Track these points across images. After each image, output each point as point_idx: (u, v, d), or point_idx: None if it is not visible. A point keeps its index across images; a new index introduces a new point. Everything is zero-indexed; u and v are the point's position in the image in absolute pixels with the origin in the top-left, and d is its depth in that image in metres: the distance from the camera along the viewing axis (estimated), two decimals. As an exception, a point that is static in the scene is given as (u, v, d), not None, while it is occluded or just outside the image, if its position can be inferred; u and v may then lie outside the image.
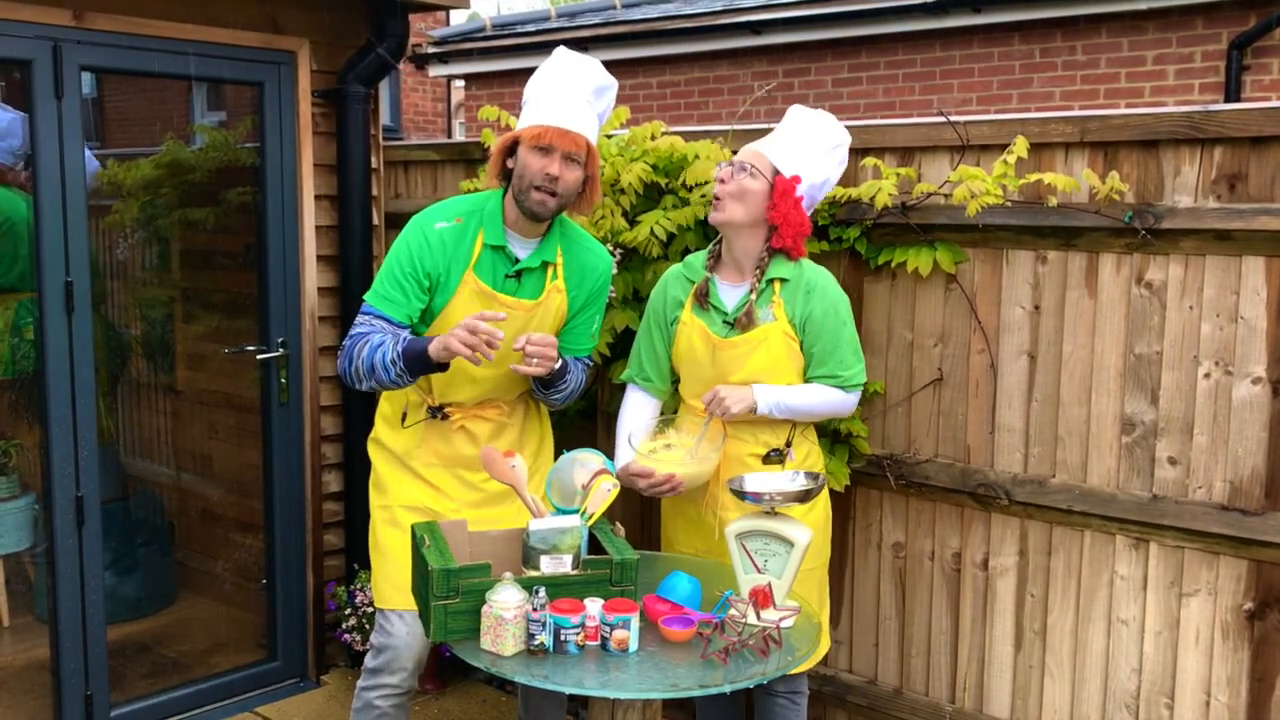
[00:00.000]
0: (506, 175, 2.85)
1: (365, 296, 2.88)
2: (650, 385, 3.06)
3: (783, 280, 2.86)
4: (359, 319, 2.85)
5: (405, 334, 2.81)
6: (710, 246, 3.01)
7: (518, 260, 2.88)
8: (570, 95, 2.79)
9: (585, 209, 2.92)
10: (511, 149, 2.83)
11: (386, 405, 3.06)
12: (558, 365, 2.82)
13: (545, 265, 2.91)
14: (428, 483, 2.99)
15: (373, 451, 3.08)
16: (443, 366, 2.74)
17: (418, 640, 2.97)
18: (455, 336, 2.61)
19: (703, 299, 2.92)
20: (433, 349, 2.68)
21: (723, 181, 2.86)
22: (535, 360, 2.74)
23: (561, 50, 2.90)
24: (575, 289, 2.96)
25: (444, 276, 2.84)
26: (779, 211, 2.81)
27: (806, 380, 2.90)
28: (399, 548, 2.94)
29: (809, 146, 2.86)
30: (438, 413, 2.96)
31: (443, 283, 2.84)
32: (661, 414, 3.07)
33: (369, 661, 3.02)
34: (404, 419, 2.99)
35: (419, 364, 2.73)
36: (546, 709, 3.21)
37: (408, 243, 2.85)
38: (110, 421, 4.38)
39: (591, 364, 3.13)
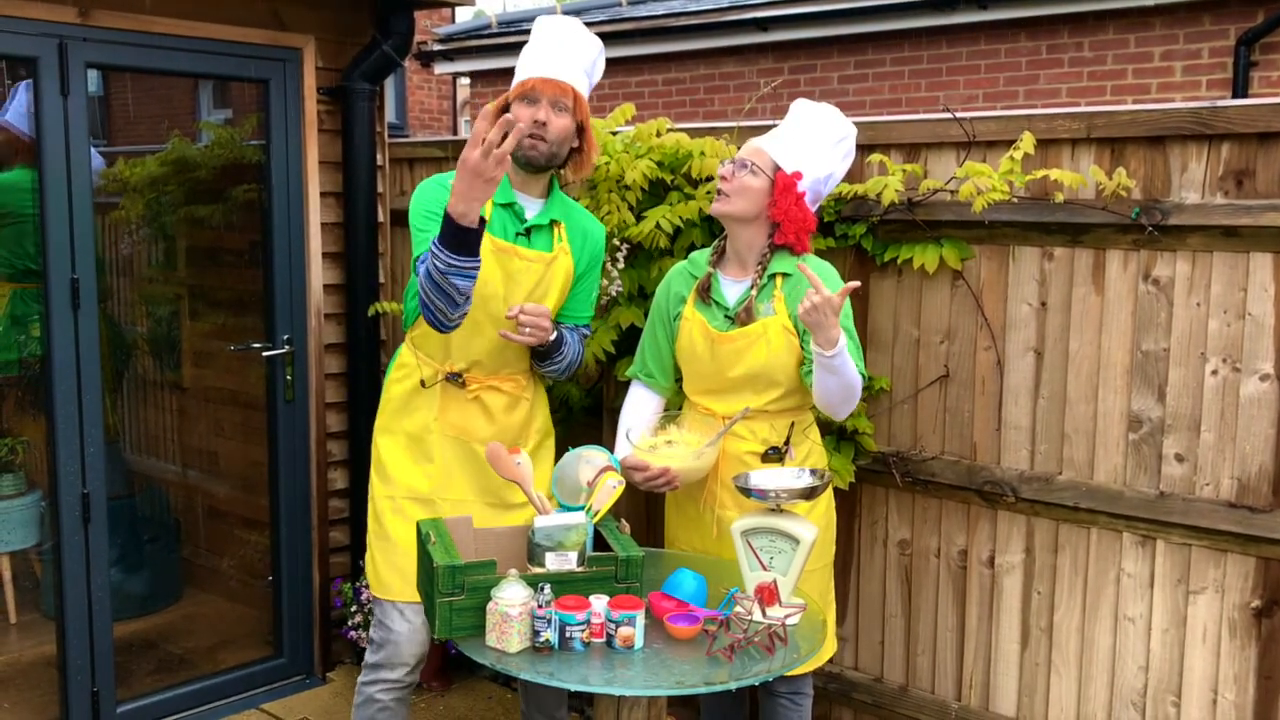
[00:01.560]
0: None
1: (413, 259, 2.86)
2: (653, 382, 3.05)
3: (784, 275, 2.85)
4: (416, 273, 2.78)
5: None
6: (715, 243, 3.01)
7: (526, 219, 2.91)
8: (551, 48, 2.85)
9: (585, 167, 2.95)
10: (504, 112, 2.86)
11: (396, 386, 3.04)
12: (552, 337, 2.85)
13: (552, 224, 2.95)
14: (439, 468, 2.97)
15: (381, 438, 3.05)
16: (477, 227, 2.53)
17: (419, 634, 2.97)
18: (472, 156, 2.41)
19: (704, 294, 2.91)
20: (450, 206, 2.51)
21: (725, 179, 2.85)
22: (528, 330, 2.77)
23: (542, 17, 2.96)
24: (578, 253, 3.00)
25: None
26: (780, 208, 2.80)
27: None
28: (407, 538, 2.94)
29: (811, 141, 2.85)
30: (456, 378, 2.96)
31: None
32: (666, 410, 3.07)
33: (369, 656, 3.02)
34: (423, 384, 2.98)
35: (453, 235, 2.54)
36: (546, 695, 3.21)
37: (427, 192, 2.87)
38: (116, 418, 4.39)
39: (590, 334, 3.17)
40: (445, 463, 2.98)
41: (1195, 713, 2.90)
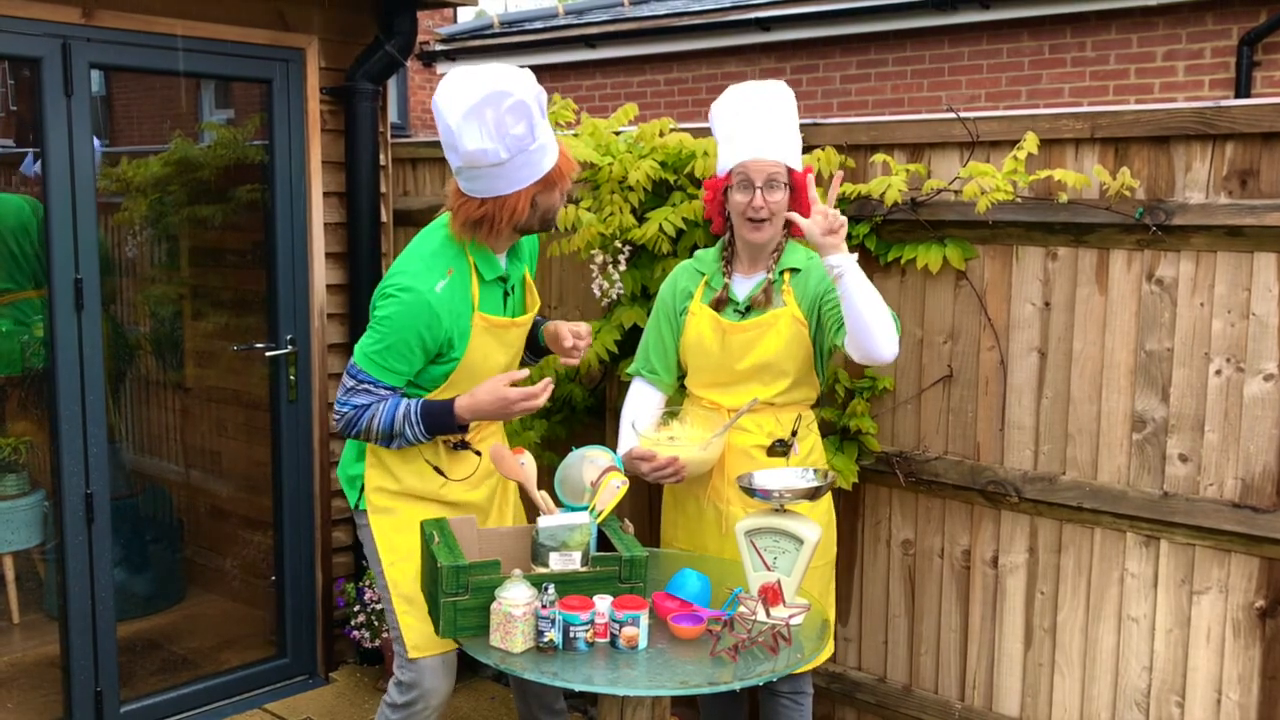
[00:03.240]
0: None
1: (358, 362, 2.71)
2: (656, 379, 3.05)
3: (794, 270, 2.87)
4: (355, 385, 2.70)
5: (407, 401, 2.73)
6: (720, 249, 3.00)
7: (506, 279, 2.84)
8: (524, 132, 2.59)
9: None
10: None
11: (399, 466, 2.86)
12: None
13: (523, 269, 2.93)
14: (453, 505, 2.91)
15: (397, 506, 2.87)
16: (465, 427, 2.78)
17: (446, 680, 2.86)
18: (515, 407, 2.68)
19: (720, 305, 2.91)
20: (466, 413, 2.71)
21: (758, 207, 2.80)
22: (580, 351, 2.90)
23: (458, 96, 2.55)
24: (530, 263, 3.01)
25: (454, 331, 2.73)
26: (800, 203, 2.85)
27: (838, 343, 2.80)
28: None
29: (790, 122, 2.85)
30: (463, 447, 2.89)
31: (455, 338, 2.74)
32: (668, 406, 3.06)
33: (397, 696, 2.87)
34: (440, 471, 2.86)
35: (443, 428, 2.73)
36: (544, 688, 3.18)
37: (412, 317, 2.66)
38: (120, 419, 4.39)
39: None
40: (477, 502, 2.94)
41: (1199, 713, 2.90)
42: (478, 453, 2.89)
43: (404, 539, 2.84)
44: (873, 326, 2.62)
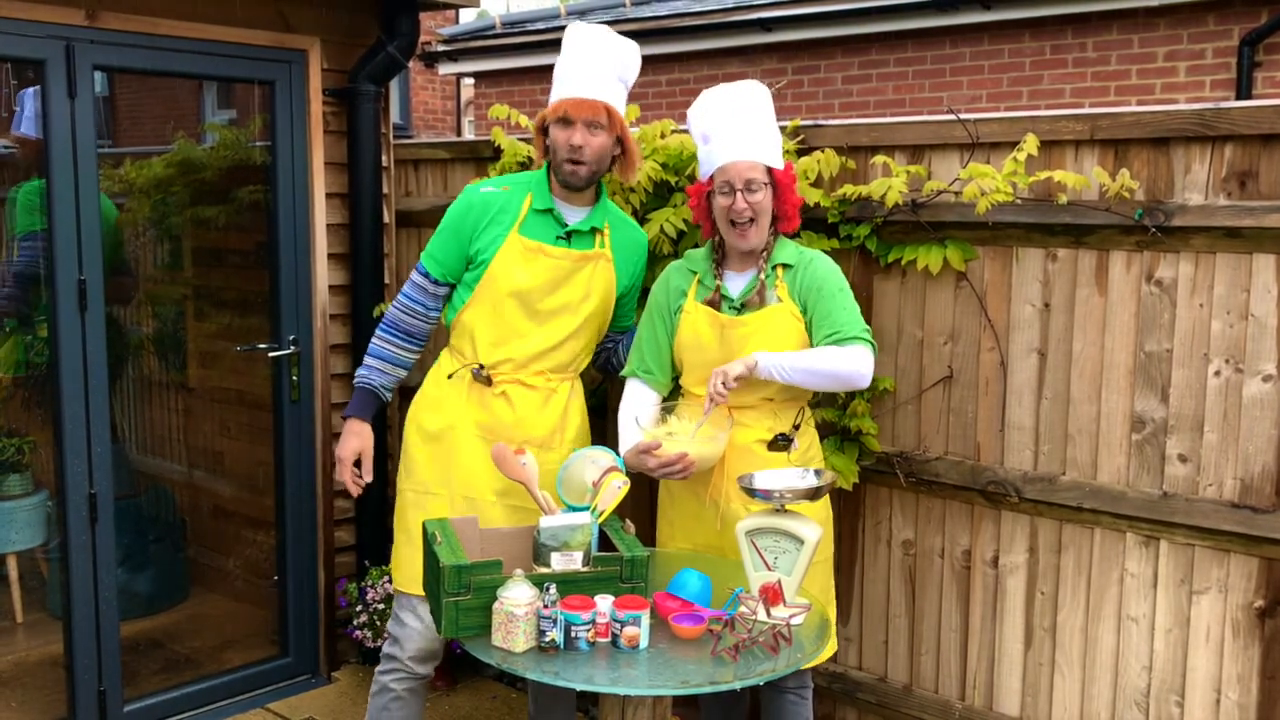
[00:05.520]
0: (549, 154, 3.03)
1: (424, 254, 3.11)
2: (651, 379, 3.05)
3: (786, 266, 2.88)
4: (412, 276, 3.10)
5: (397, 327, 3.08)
6: (708, 250, 3.00)
7: (567, 224, 3.00)
8: (582, 65, 2.92)
9: (629, 175, 3.07)
10: (546, 130, 2.98)
11: (431, 385, 3.12)
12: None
13: (594, 231, 3.04)
14: (464, 467, 3.01)
15: (410, 432, 3.13)
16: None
17: (430, 630, 3.01)
18: (340, 460, 3.10)
19: (715, 305, 2.92)
20: (345, 432, 3.14)
21: (739, 210, 2.80)
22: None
23: (572, 25, 3.01)
24: (621, 263, 3.09)
25: (483, 233, 2.96)
26: (789, 202, 2.88)
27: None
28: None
29: (766, 120, 2.87)
30: (480, 374, 3.01)
31: (483, 239, 2.96)
32: (663, 402, 3.06)
33: (385, 649, 3.09)
34: (450, 376, 3.06)
35: (362, 364, 3.15)
36: (556, 709, 3.23)
37: (458, 206, 3.04)
38: (123, 419, 4.40)
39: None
40: (470, 462, 3.00)
41: (1199, 713, 2.91)
42: (489, 381, 3.02)
43: (408, 476, 3.10)
44: (828, 383, 2.82)
